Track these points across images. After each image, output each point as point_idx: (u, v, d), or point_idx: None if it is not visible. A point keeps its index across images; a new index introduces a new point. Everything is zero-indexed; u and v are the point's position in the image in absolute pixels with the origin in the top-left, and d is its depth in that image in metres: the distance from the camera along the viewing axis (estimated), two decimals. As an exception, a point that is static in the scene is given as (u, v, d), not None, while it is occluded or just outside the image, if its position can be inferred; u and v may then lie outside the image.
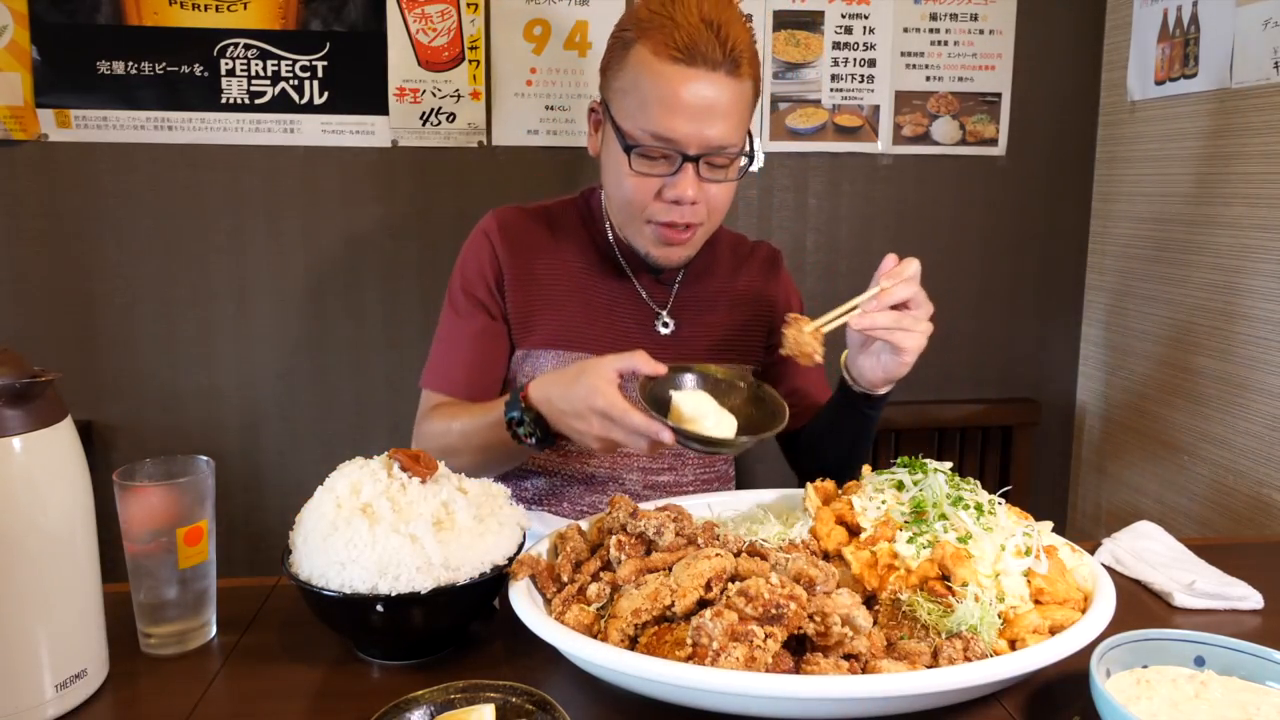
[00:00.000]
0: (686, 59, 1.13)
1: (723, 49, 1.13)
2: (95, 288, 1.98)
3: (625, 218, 1.27)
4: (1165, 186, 1.97)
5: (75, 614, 0.81)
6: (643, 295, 1.36)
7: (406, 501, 0.88)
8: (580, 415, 1.05)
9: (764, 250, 1.48)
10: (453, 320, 1.36)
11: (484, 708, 0.75)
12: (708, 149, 1.17)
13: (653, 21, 1.15)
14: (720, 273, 1.41)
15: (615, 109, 1.21)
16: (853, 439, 1.33)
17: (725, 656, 0.74)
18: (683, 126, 1.15)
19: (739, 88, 1.18)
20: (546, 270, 1.34)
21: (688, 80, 1.14)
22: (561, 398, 1.08)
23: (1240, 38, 1.72)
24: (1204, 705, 0.77)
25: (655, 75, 1.14)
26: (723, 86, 1.15)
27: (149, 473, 0.92)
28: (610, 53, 1.23)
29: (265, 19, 1.93)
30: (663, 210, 1.21)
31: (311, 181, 2.01)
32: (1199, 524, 1.89)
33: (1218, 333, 1.84)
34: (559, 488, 1.35)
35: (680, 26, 1.13)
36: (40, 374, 0.77)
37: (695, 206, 1.20)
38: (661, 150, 1.17)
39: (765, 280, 1.44)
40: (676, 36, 1.13)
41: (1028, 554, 0.89)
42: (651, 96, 1.15)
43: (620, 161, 1.20)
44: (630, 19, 1.20)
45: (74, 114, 1.91)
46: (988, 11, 2.11)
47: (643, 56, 1.16)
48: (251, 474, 2.09)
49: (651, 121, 1.15)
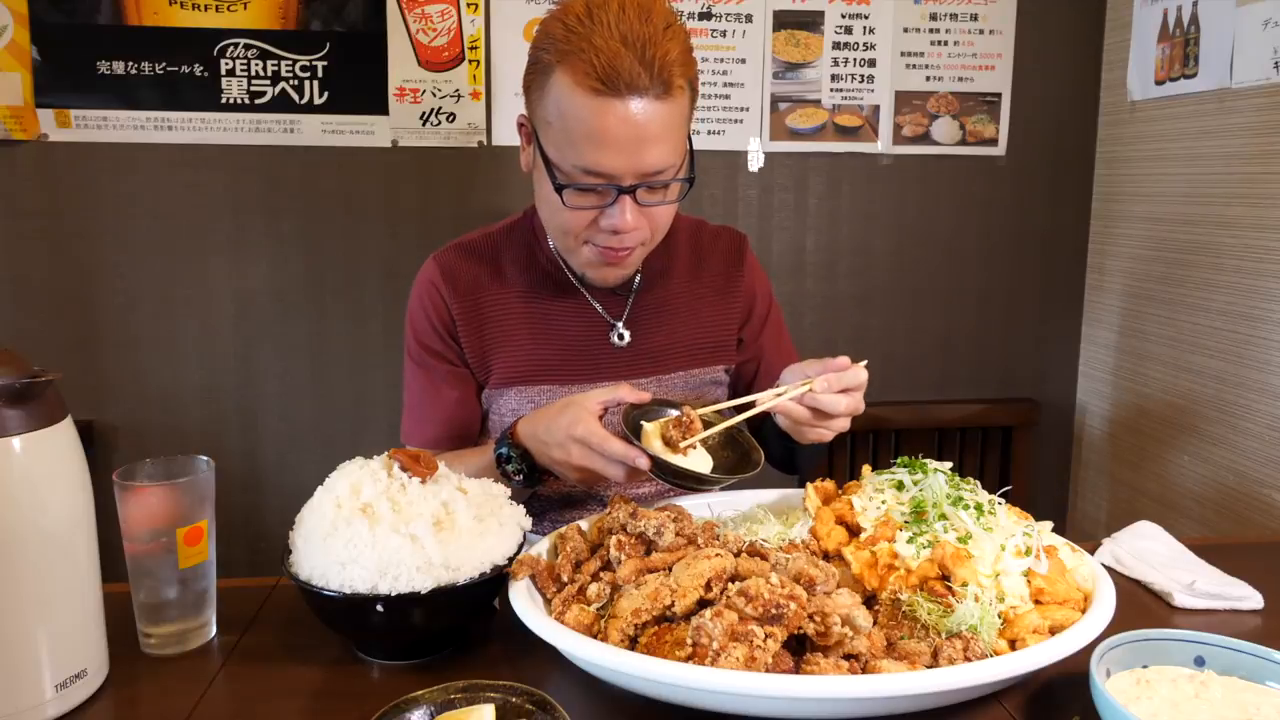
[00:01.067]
0: (609, 89, 1.04)
1: (649, 71, 1.04)
2: (95, 288, 1.98)
3: (561, 243, 1.22)
4: (1165, 186, 1.97)
5: (75, 614, 0.81)
6: (596, 308, 1.30)
7: (406, 502, 0.88)
8: (560, 445, 1.05)
9: (726, 239, 1.40)
10: (415, 373, 1.33)
11: (484, 708, 0.75)
12: (643, 177, 1.10)
13: (570, 44, 1.05)
14: (679, 273, 1.35)
15: (542, 137, 1.14)
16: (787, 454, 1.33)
17: (725, 656, 0.74)
18: (612, 160, 1.07)
19: (672, 107, 1.08)
20: (494, 305, 1.29)
21: (613, 112, 1.05)
22: (545, 430, 1.08)
23: (1240, 38, 1.72)
24: (1204, 705, 0.77)
25: (579, 108, 1.06)
26: (653, 110, 1.06)
27: (149, 473, 0.92)
28: (530, 73, 1.15)
29: (265, 19, 1.93)
30: (601, 236, 1.15)
31: (311, 181, 2.01)
32: (1199, 524, 1.89)
33: (1218, 333, 1.84)
34: (538, 505, 1.33)
35: (600, 51, 1.03)
36: (40, 374, 0.77)
37: (636, 230, 1.15)
38: (594, 184, 1.10)
39: (729, 272, 1.37)
40: (596, 63, 1.03)
41: (1028, 554, 0.89)
42: (578, 132, 1.07)
43: (551, 193, 1.13)
44: (545, 38, 1.10)
45: (74, 114, 1.91)
46: (988, 11, 2.11)
47: (563, 87, 1.07)
48: (251, 474, 2.09)
49: (580, 157, 1.08)
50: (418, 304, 1.32)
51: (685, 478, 1.04)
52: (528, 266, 1.31)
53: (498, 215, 1.40)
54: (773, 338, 1.42)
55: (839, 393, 1.06)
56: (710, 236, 1.40)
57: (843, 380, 1.06)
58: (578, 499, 1.32)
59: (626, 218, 1.12)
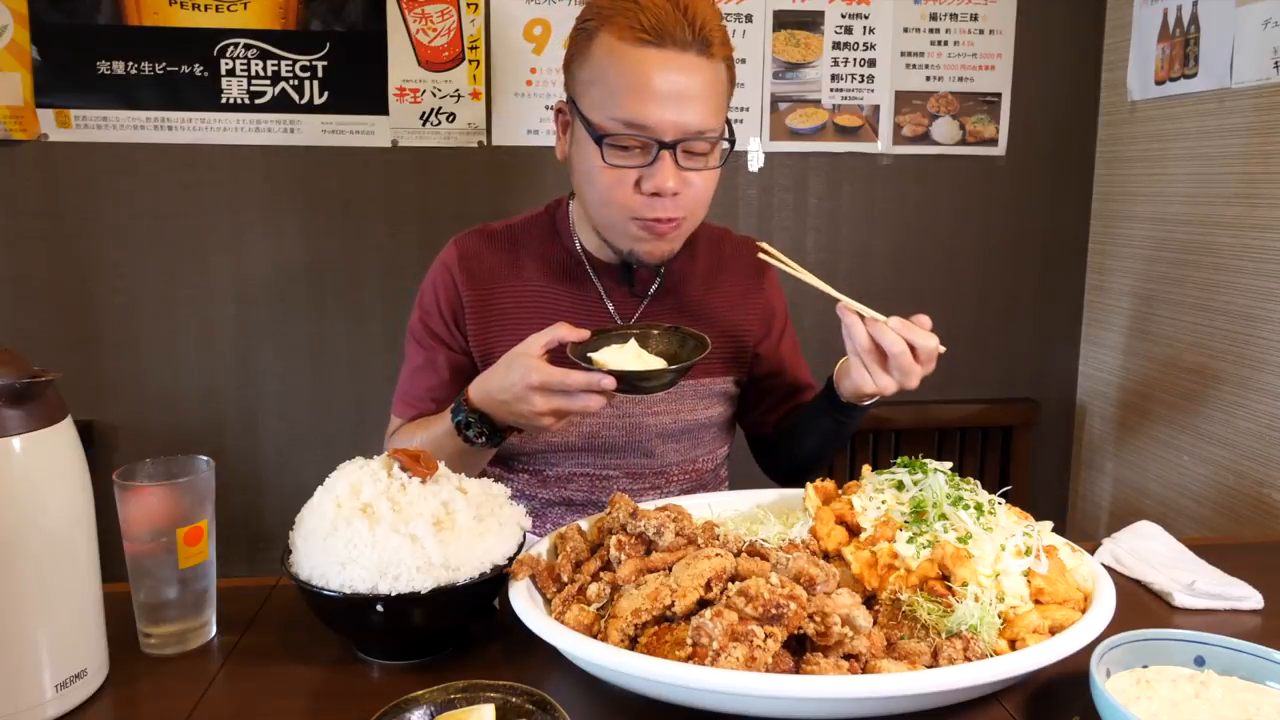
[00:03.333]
0: (655, 40, 1.07)
1: (691, 28, 1.08)
2: (95, 288, 1.98)
3: (603, 216, 1.19)
4: (1165, 186, 1.97)
5: (75, 614, 0.81)
6: (609, 310, 1.30)
7: (406, 501, 0.88)
8: (521, 398, 1.04)
9: (748, 251, 1.37)
10: (414, 351, 1.33)
11: (484, 708, 0.75)
12: (684, 134, 1.10)
13: (614, 7, 1.10)
14: (696, 282, 1.34)
15: (583, 103, 1.14)
16: (826, 439, 1.31)
17: (725, 656, 0.74)
18: (656, 112, 1.09)
19: (712, 69, 1.12)
20: (507, 295, 1.29)
21: (657, 62, 1.08)
22: (499, 389, 1.07)
23: (1240, 38, 1.72)
24: (1204, 705, 0.77)
25: (622, 60, 1.09)
26: (695, 68, 1.10)
27: (149, 473, 0.92)
28: (573, 46, 1.17)
29: (265, 19, 1.93)
30: (643, 205, 1.14)
31: (311, 181, 2.01)
32: (1199, 524, 1.89)
33: (1218, 332, 1.84)
34: (540, 509, 1.33)
35: (644, 8, 1.08)
36: (40, 374, 0.77)
37: (677, 198, 1.14)
38: (635, 139, 1.10)
39: (748, 285, 1.37)
40: (642, 18, 1.07)
41: (1028, 554, 0.89)
42: (620, 83, 1.09)
43: (592, 156, 1.13)
44: (590, 9, 1.15)
45: (74, 114, 1.91)
46: (988, 11, 2.11)
47: (608, 43, 1.10)
48: (251, 474, 2.09)
49: (622, 109, 1.09)
50: (430, 285, 1.32)
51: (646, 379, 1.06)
52: (545, 259, 1.31)
53: (498, 215, 1.40)
54: (790, 353, 1.43)
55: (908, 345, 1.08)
56: (732, 246, 1.39)
57: (913, 330, 1.09)
58: (579, 504, 1.32)
59: (668, 179, 1.11)
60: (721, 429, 1.40)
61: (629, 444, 1.31)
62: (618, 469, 1.32)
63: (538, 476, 1.32)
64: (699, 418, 1.34)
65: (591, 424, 1.29)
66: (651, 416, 1.30)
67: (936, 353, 1.11)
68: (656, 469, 1.33)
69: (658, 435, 1.31)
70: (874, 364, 1.11)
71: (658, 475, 1.34)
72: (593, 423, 1.29)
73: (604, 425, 1.29)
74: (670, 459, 1.33)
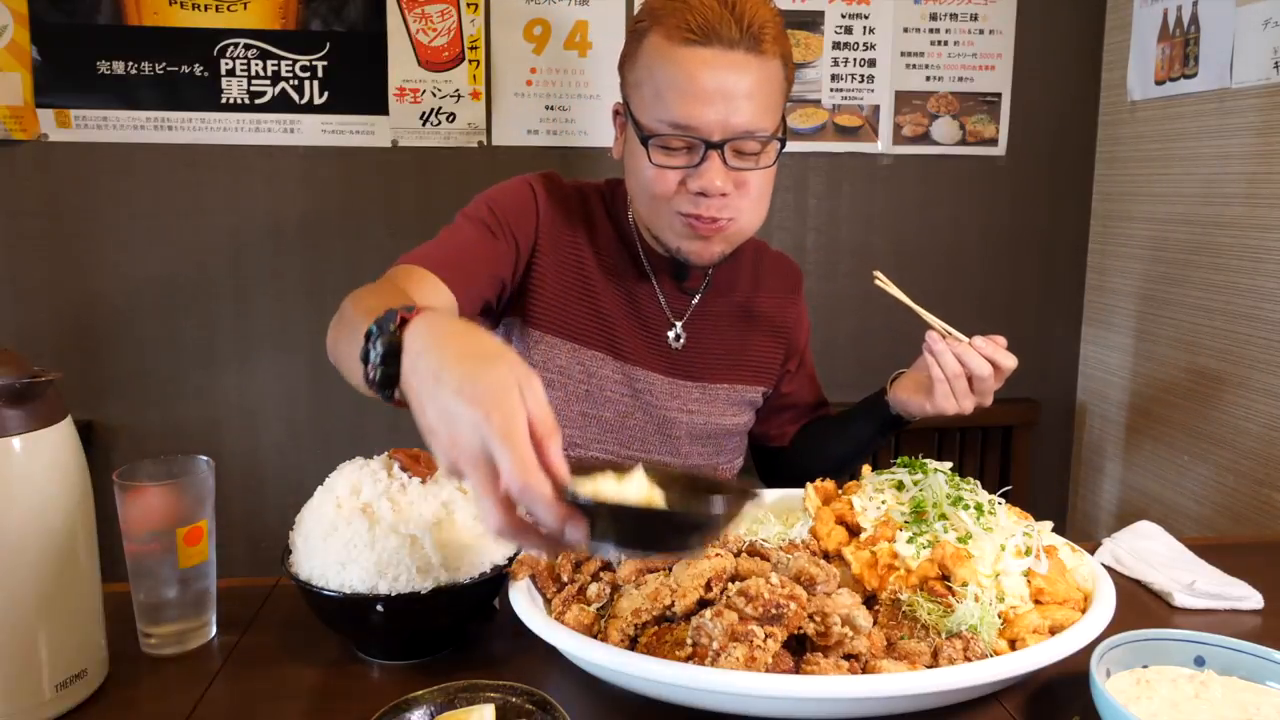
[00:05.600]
0: (701, 39, 1.06)
1: (739, 25, 1.06)
2: (95, 288, 1.98)
3: (650, 213, 1.18)
4: (1165, 186, 1.97)
5: (75, 614, 0.81)
6: (661, 302, 1.28)
7: (406, 502, 0.88)
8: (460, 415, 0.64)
9: (785, 268, 1.41)
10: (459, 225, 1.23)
11: (484, 708, 0.75)
12: (732, 134, 1.08)
13: (665, 8, 1.09)
14: (742, 287, 1.34)
15: (633, 104, 1.14)
16: (859, 449, 1.33)
17: (725, 656, 0.74)
18: (702, 112, 1.07)
19: (763, 66, 1.09)
20: (581, 255, 1.26)
21: (704, 61, 1.06)
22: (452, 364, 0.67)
23: (1240, 38, 1.72)
24: (1204, 705, 0.77)
25: (669, 60, 1.08)
26: (744, 66, 1.07)
27: (149, 473, 0.91)
28: (626, 48, 1.17)
29: (265, 19, 1.93)
30: (689, 202, 1.12)
31: (311, 181, 2.01)
32: (1199, 524, 1.89)
33: (1218, 333, 1.84)
34: None
35: (693, 8, 1.07)
36: (40, 374, 0.77)
37: (726, 199, 1.12)
38: (682, 139, 1.09)
39: (784, 302, 1.38)
40: (690, 18, 1.06)
41: (1028, 554, 0.89)
42: (666, 83, 1.08)
43: (641, 156, 1.12)
44: (644, 11, 1.14)
45: (74, 114, 1.91)
46: (988, 11, 2.11)
47: (656, 44, 1.10)
48: (251, 474, 2.09)
49: (668, 109, 1.08)
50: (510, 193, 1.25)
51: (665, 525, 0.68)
52: (611, 236, 1.28)
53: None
54: (812, 368, 1.45)
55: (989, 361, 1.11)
56: (771, 260, 1.40)
57: (997, 351, 1.12)
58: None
59: (715, 179, 1.09)
60: (742, 438, 1.41)
61: (658, 437, 1.30)
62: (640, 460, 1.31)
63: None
64: (727, 423, 1.34)
65: (629, 404, 1.28)
66: (685, 415, 1.30)
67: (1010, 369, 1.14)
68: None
69: (687, 434, 1.31)
70: (960, 387, 1.12)
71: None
72: (630, 404, 1.28)
73: (639, 408, 1.28)
74: (693, 460, 1.33)
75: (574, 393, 1.26)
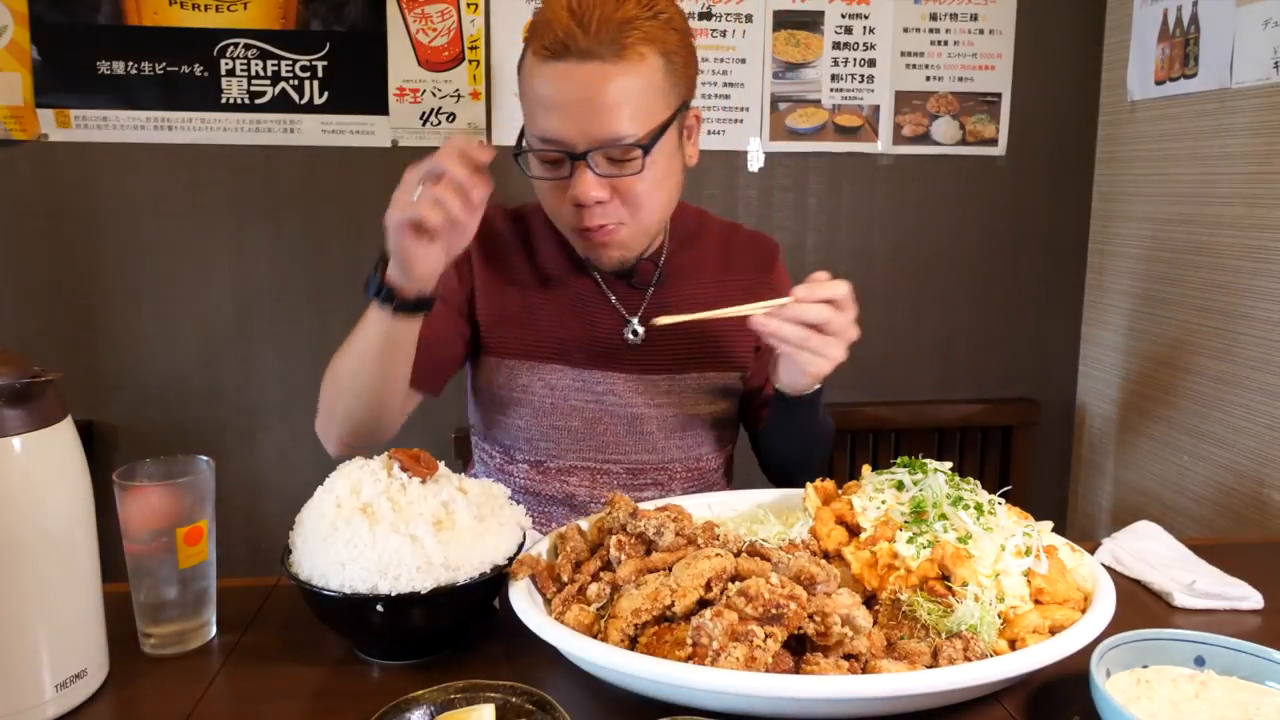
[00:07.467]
0: (555, 54, 1.08)
1: (589, 34, 1.06)
2: (95, 288, 1.98)
3: (555, 224, 1.23)
4: (1165, 186, 1.97)
5: (75, 614, 0.81)
6: (612, 300, 1.29)
7: (406, 501, 0.88)
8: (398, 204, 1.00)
9: (759, 244, 1.40)
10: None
11: (484, 708, 0.75)
12: (596, 144, 1.09)
13: (533, 26, 1.12)
14: (705, 274, 1.33)
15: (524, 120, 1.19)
16: (799, 438, 1.31)
17: (725, 656, 0.74)
18: (560, 124, 1.09)
19: (627, 71, 1.08)
20: (523, 275, 1.30)
21: (558, 75, 1.08)
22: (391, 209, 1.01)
23: (1240, 38, 1.72)
24: (1204, 705, 0.77)
25: (534, 76, 1.11)
26: (601, 76, 1.07)
27: (149, 473, 0.92)
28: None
29: (265, 19, 1.93)
30: (574, 215, 1.15)
31: (311, 181, 2.01)
32: (1199, 524, 1.89)
33: (1218, 332, 1.84)
34: (542, 507, 1.32)
35: (549, 24, 1.09)
36: (40, 374, 0.77)
37: (607, 206, 1.14)
38: (554, 152, 1.12)
39: (758, 279, 1.36)
40: (546, 34, 1.09)
41: (1028, 554, 0.89)
42: (533, 99, 1.12)
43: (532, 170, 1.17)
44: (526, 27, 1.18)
45: (74, 114, 1.91)
46: (988, 11, 2.11)
47: (527, 62, 1.13)
48: (251, 474, 2.09)
49: (537, 124, 1.12)
50: None
51: None
52: (552, 246, 1.31)
53: (498, 215, 1.40)
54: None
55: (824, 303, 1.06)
56: (743, 240, 1.39)
57: (821, 290, 1.07)
58: (581, 501, 1.32)
59: (582, 189, 1.11)
60: (726, 427, 1.39)
61: (630, 436, 1.30)
62: (619, 464, 1.31)
63: (538, 468, 1.31)
64: (702, 413, 1.33)
65: (595, 410, 1.28)
66: (654, 409, 1.30)
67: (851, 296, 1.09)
68: (658, 465, 1.32)
69: (660, 428, 1.31)
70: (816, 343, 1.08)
71: (659, 471, 1.33)
72: (596, 409, 1.28)
73: (606, 413, 1.29)
74: (672, 455, 1.33)
75: (539, 408, 1.29)
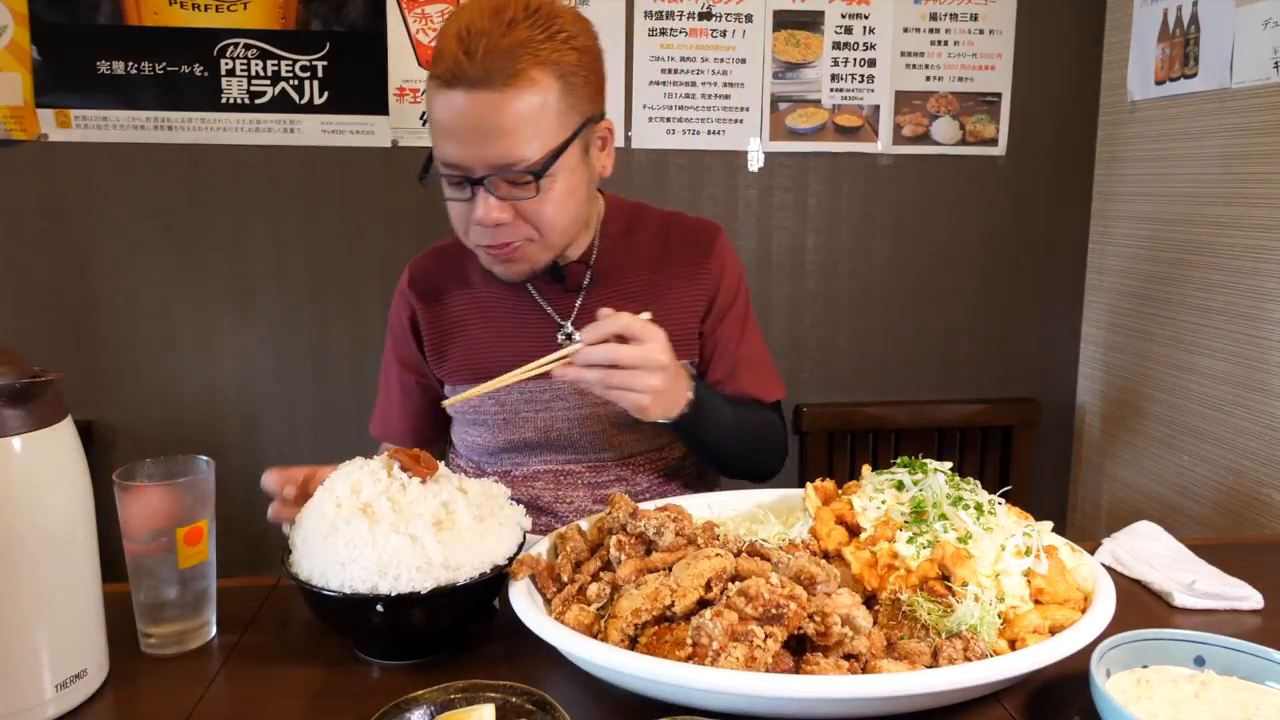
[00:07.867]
0: (448, 84, 1.09)
1: (476, 62, 1.06)
2: (95, 288, 1.98)
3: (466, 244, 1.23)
4: (1165, 186, 1.97)
5: (75, 614, 0.81)
6: (546, 309, 1.30)
7: (406, 501, 0.88)
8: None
9: (698, 229, 1.36)
10: (387, 372, 1.42)
11: (484, 708, 0.75)
12: (491, 169, 1.10)
13: (434, 55, 1.13)
14: (641, 266, 1.31)
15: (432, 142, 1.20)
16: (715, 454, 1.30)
17: (725, 656, 0.74)
18: (456, 150, 1.11)
19: (517, 97, 1.08)
20: (457, 305, 1.33)
21: (452, 104, 1.09)
22: None
23: (1240, 38, 1.72)
24: (1204, 705, 0.77)
25: (434, 104, 1.12)
26: (490, 104, 1.08)
27: (149, 473, 0.92)
28: None
29: (265, 19, 1.93)
30: (478, 234, 1.17)
31: (311, 181, 2.01)
32: (1199, 524, 1.89)
33: (1218, 333, 1.84)
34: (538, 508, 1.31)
35: (441, 52, 1.10)
36: (40, 374, 0.77)
37: (509, 226, 1.15)
38: (455, 176, 1.13)
39: (696, 262, 1.32)
40: (438, 62, 1.10)
41: (1028, 554, 0.89)
42: (435, 125, 1.13)
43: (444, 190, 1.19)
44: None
45: (74, 114, 1.91)
46: (988, 11, 2.11)
47: (430, 88, 1.13)
48: (251, 474, 2.07)
49: (440, 149, 1.13)
50: (393, 310, 1.40)
51: None
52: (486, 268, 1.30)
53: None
54: (732, 332, 1.35)
55: (618, 341, 1.05)
56: (683, 228, 1.36)
57: (604, 326, 1.05)
58: (545, 502, 1.32)
59: (482, 210, 1.13)
60: None
61: (585, 437, 1.30)
62: (579, 463, 1.31)
63: (506, 478, 1.31)
64: None
65: (545, 418, 1.29)
66: (602, 406, 1.27)
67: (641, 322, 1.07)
68: (619, 460, 1.31)
69: (613, 425, 1.29)
70: (621, 380, 1.06)
71: (622, 467, 1.32)
72: (546, 417, 1.29)
73: (557, 419, 1.29)
74: (632, 450, 1.31)
75: (494, 425, 1.31)
